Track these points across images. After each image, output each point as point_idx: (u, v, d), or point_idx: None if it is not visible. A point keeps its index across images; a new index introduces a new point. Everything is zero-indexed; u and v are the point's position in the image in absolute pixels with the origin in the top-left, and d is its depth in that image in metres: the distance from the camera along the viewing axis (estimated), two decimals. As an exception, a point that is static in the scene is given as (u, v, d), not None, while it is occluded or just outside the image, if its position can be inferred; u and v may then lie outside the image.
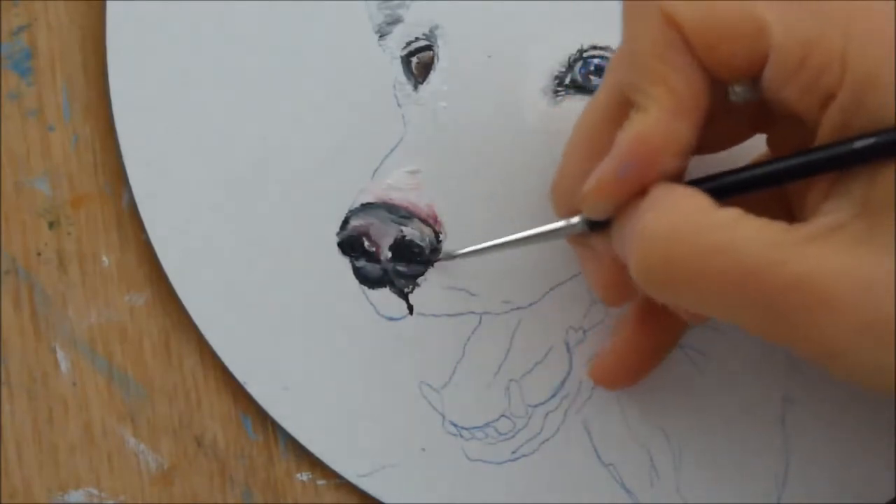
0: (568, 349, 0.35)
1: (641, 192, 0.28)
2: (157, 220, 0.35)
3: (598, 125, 0.30)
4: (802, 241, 0.26)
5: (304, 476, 0.35)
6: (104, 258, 0.35)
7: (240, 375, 0.35)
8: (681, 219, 0.27)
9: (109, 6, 0.35)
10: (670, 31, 0.27)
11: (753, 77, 0.28)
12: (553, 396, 0.35)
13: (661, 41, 0.27)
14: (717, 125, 0.29)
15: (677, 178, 0.29)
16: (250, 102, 0.35)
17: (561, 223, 0.31)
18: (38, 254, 0.35)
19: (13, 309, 0.35)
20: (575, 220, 0.31)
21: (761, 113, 0.30)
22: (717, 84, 0.28)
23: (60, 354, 0.35)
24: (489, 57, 0.35)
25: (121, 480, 0.35)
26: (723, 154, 0.32)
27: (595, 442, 0.35)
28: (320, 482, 0.35)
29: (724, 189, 0.29)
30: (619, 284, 0.31)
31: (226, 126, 0.35)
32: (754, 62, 0.27)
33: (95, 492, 0.35)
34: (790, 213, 0.31)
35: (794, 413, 0.34)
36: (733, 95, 0.28)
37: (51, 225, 0.35)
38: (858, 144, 0.26)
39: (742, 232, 0.26)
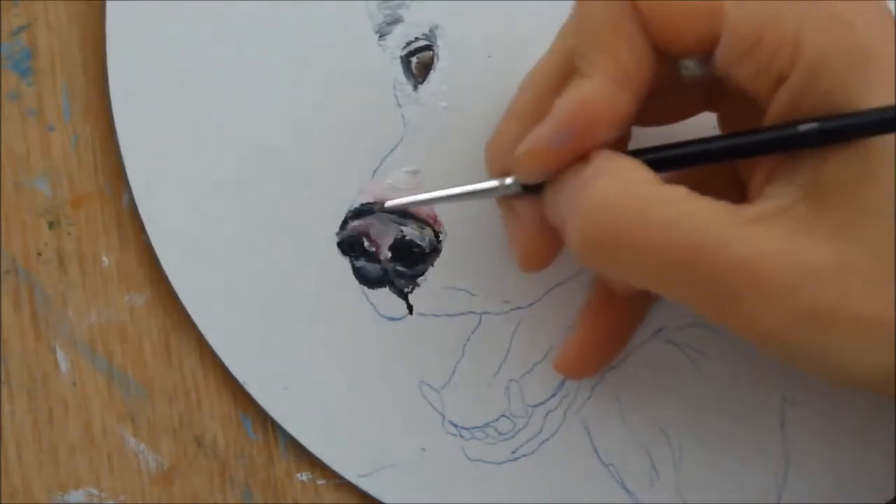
0: (568, 349, 0.35)
1: (577, 159, 0.28)
2: (157, 220, 0.35)
3: (541, 88, 0.30)
4: (746, 223, 0.26)
5: (304, 476, 0.35)
6: (104, 258, 0.35)
7: (240, 375, 0.35)
8: (626, 190, 0.27)
9: (109, 6, 0.35)
10: (623, 1, 0.27)
11: (705, 54, 0.28)
12: (553, 396, 0.35)
13: (613, 11, 0.27)
14: (668, 98, 0.29)
15: (617, 149, 0.29)
16: (250, 102, 0.35)
17: (493, 183, 0.31)
18: (38, 254, 0.35)
19: (13, 309, 0.35)
20: (508, 180, 0.30)
21: (713, 89, 0.30)
22: (667, 58, 0.28)
23: (60, 354, 0.35)
24: (489, 57, 0.35)
25: (121, 480, 0.35)
26: (674, 128, 0.32)
27: (595, 442, 0.35)
28: (320, 482, 0.35)
29: (666, 161, 0.28)
30: (540, 251, 0.31)
31: (226, 126, 0.35)
32: (706, 40, 0.27)
33: (95, 492, 0.35)
34: (742, 193, 0.31)
35: (794, 413, 0.34)
36: (684, 70, 0.28)
37: (51, 225, 0.35)
38: (803, 128, 0.26)
39: (687, 209, 0.26)
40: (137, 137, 0.35)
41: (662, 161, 0.28)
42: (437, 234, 0.35)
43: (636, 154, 0.29)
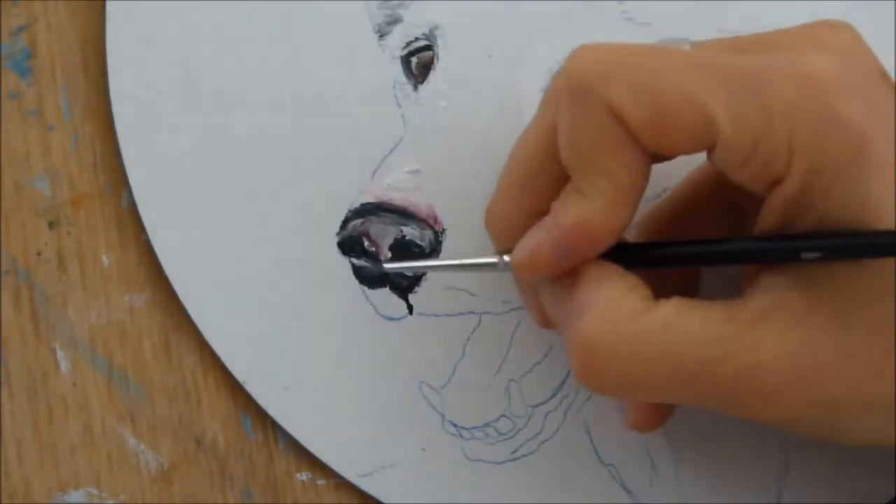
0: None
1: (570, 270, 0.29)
2: (157, 220, 0.35)
3: (532, 160, 0.30)
4: (742, 329, 0.26)
5: (304, 476, 0.35)
6: (104, 258, 0.35)
7: (240, 375, 0.35)
8: (613, 328, 0.27)
9: (109, 6, 0.35)
10: (615, 124, 0.27)
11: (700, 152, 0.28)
12: (553, 396, 0.35)
13: (605, 134, 0.27)
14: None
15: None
16: (250, 102, 0.35)
17: (493, 259, 0.31)
18: (38, 254, 0.35)
19: (13, 309, 0.35)
20: (494, 259, 0.30)
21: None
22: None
23: (60, 354, 0.35)
24: (489, 57, 0.35)
25: (121, 480, 0.35)
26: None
27: (595, 442, 0.35)
28: (320, 482, 0.35)
29: (664, 261, 0.29)
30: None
31: (226, 126, 0.35)
32: (701, 149, 0.27)
33: (95, 492, 0.35)
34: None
35: (794, 413, 0.34)
36: None
37: (51, 225, 0.35)
38: (806, 256, 0.26)
39: (679, 332, 0.27)
40: (137, 137, 0.35)
41: (658, 261, 0.29)
42: (437, 234, 0.35)
43: (632, 251, 0.29)
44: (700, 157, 0.28)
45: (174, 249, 0.35)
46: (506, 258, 0.30)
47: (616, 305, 0.27)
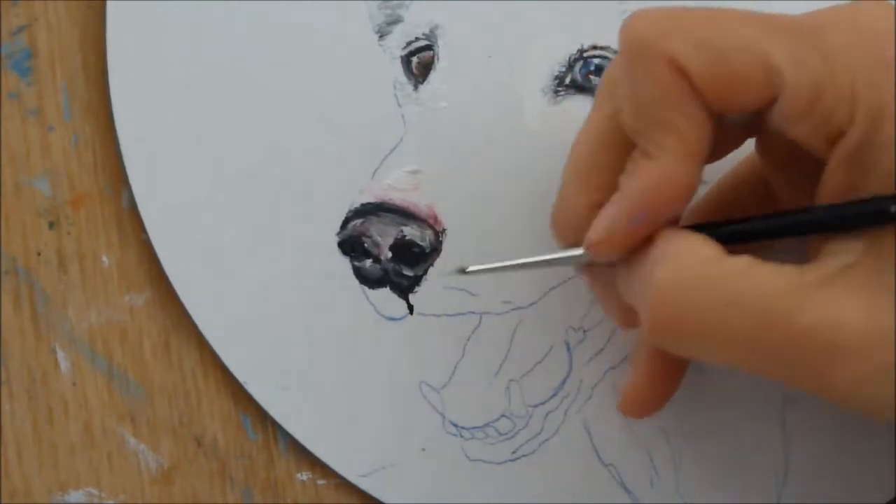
0: (568, 349, 0.35)
1: (645, 239, 0.28)
2: (157, 220, 0.35)
3: (595, 154, 0.30)
4: (813, 287, 0.26)
5: (304, 476, 0.35)
6: (104, 258, 0.35)
7: (240, 375, 0.35)
8: (689, 273, 0.27)
9: (109, 6, 0.35)
10: (678, 78, 0.27)
11: (760, 110, 0.27)
12: (553, 396, 0.35)
13: (668, 89, 0.27)
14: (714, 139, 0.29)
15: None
16: (250, 102, 0.35)
17: (567, 253, 0.30)
18: (38, 254, 0.35)
19: (13, 309, 0.35)
20: (579, 251, 0.30)
21: (755, 123, 0.30)
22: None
23: (60, 354, 0.35)
24: (489, 57, 0.35)
25: (121, 480, 0.35)
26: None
27: (595, 442, 0.35)
28: (320, 482, 0.35)
29: (731, 237, 0.28)
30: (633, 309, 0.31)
31: (226, 126, 0.35)
32: (763, 103, 0.27)
33: (95, 492, 0.35)
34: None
35: (794, 413, 0.34)
36: (731, 119, 0.28)
37: (51, 225, 0.35)
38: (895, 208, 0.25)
39: (753, 281, 0.26)
40: (137, 137, 0.35)
41: (732, 236, 0.28)
42: (437, 234, 0.35)
43: (708, 229, 0.29)
44: (740, 154, 0.28)
45: (174, 249, 0.35)
46: (579, 251, 0.30)
47: (692, 254, 0.27)
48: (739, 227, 0.28)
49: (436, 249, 0.35)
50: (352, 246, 0.35)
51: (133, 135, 0.35)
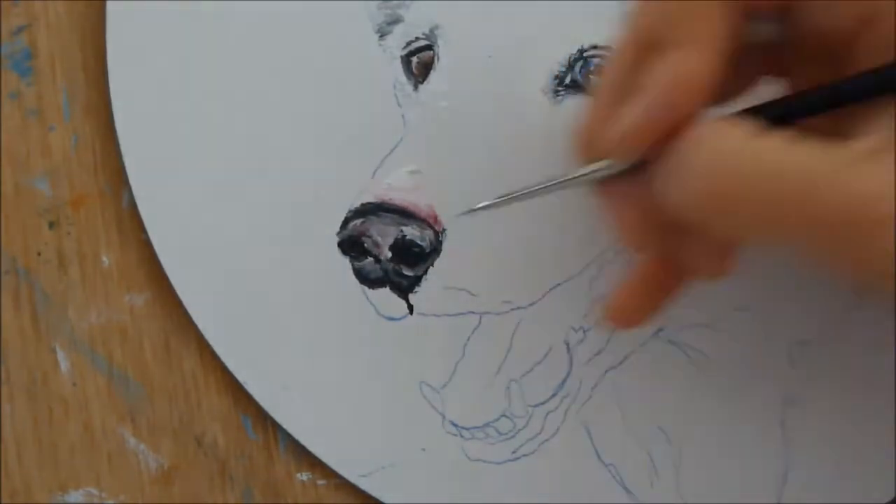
0: (568, 349, 0.35)
1: (674, 133, 0.28)
2: (157, 220, 0.35)
3: (624, 70, 0.29)
4: (856, 161, 0.26)
5: (304, 476, 0.35)
6: (104, 258, 0.35)
7: (240, 375, 0.35)
8: (733, 144, 0.27)
9: (109, 6, 0.35)
10: None
11: (783, 13, 0.27)
12: (553, 396, 0.35)
13: None
14: (733, 69, 0.29)
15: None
16: (250, 102, 0.35)
17: (591, 167, 0.29)
18: (38, 254, 0.35)
19: (13, 309, 0.35)
20: (603, 164, 0.29)
21: (775, 57, 0.30)
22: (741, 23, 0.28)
23: (60, 354, 0.35)
24: (489, 57, 0.35)
25: (121, 480, 0.35)
26: None
27: (595, 442, 0.35)
28: (320, 482, 0.35)
29: (778, 116, 0.28)
30: (649, 227, 0.30)
31: (226, 126, 0.35)
32: None
33: (95, 492, 0.35)
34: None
35: (795, 413, 0.34)
36: (754, 32, 0.28)
37: (51, 225, 0.35)
38: None
39: (796, 153, 0.26)
40: (137, 137, 0.35)
41: (778, 114, 0.28)
42: (437, 233, 0.35)
43: (750, 113, 0.28)
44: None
45: (174, 249, 0.35)
46: (605, 163, 0.29)
47: (731, 131, 0.27)
48: (775, 105, 0.28)
49: (436, 249, 0.35)
50: (352, 246, 0.35)
51: (133, 135, 0.35)
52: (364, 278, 0.35)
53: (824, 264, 0.27)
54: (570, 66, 0.35)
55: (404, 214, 0.35)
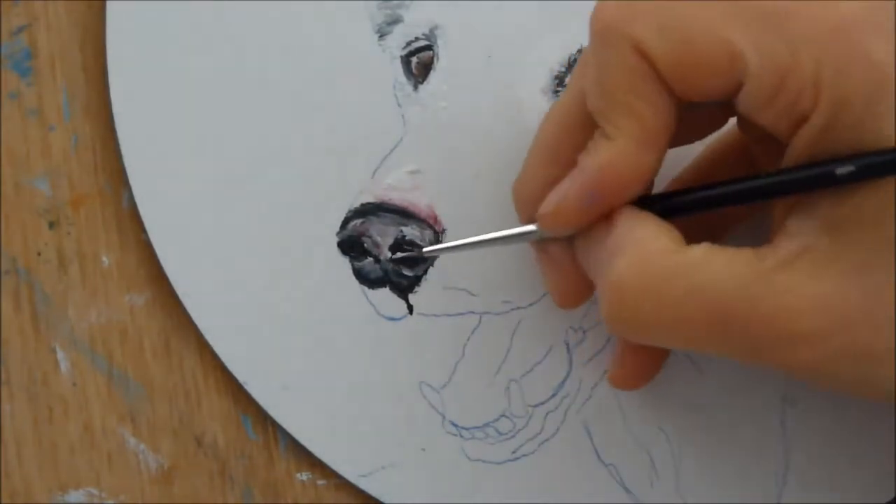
0: (568, 349, 0.35)
1: (603, 215, 0.28)
2: (157, 220, 0.35)
3: (561, 131, 0.30)
4: (771, 272, 0.26)
5: (304, 476, 0.35)
6: (104, 258, 0.35)
7: (240, 375, 0.35)
8: (646, 268, 0.27)
9: (109, 6, 0.35)
10: (641, 62, 0.27)
11: (725, 98, 0.28)
12: (553, 396, 0.35)
13: (631, 73, 0.27)
14: (680, 125, 0.29)
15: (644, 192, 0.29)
16: (250, 102, 0.35)
17: (519, 230, 0.31)
18: (38, 254, 0.35)
19: (13, 309, 0.35)
20: (532, 227, 0.30)
21: (725, 109, 0.30)
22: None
23: (60, 354, 0.35)
24: (489, 57, 0.35)
25: (121, 480, 0.35)
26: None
27: (595, 442, 0.35)
28: (320, 482, 0.35)
29: (694, 205, 0.29)
30: (577, 291, 0.32)
31: (226, 126, 0.35)
32: (729, 89, 0.27)
33: (95, 492, 0.35)
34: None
35: (794, 414, 0.34)
36: (702, 105, 0.28)
37: (51, 225, 0.35)
38: (841, 171, 0.26)
39: (711, 272, 0.27)
40: (137, 137, 0.35)
41: (690, 206, 0.29)
42: (437, 234, 0.35)
43: (664, 199, 0.29)
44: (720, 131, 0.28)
45: (174, 249, 0.35)
46: (532, 227, 0.30)
47: (649, 245, 0.27)
48: (703, 193, 0.28)
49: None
50: (351, 246, 0.35)
51: (133, 135, 0.35)
52: (364, 278, 0.35)
53: (745, 365, 0.28)
54: (570, 66, 0.35)
55: (404, 214, 0.35)
